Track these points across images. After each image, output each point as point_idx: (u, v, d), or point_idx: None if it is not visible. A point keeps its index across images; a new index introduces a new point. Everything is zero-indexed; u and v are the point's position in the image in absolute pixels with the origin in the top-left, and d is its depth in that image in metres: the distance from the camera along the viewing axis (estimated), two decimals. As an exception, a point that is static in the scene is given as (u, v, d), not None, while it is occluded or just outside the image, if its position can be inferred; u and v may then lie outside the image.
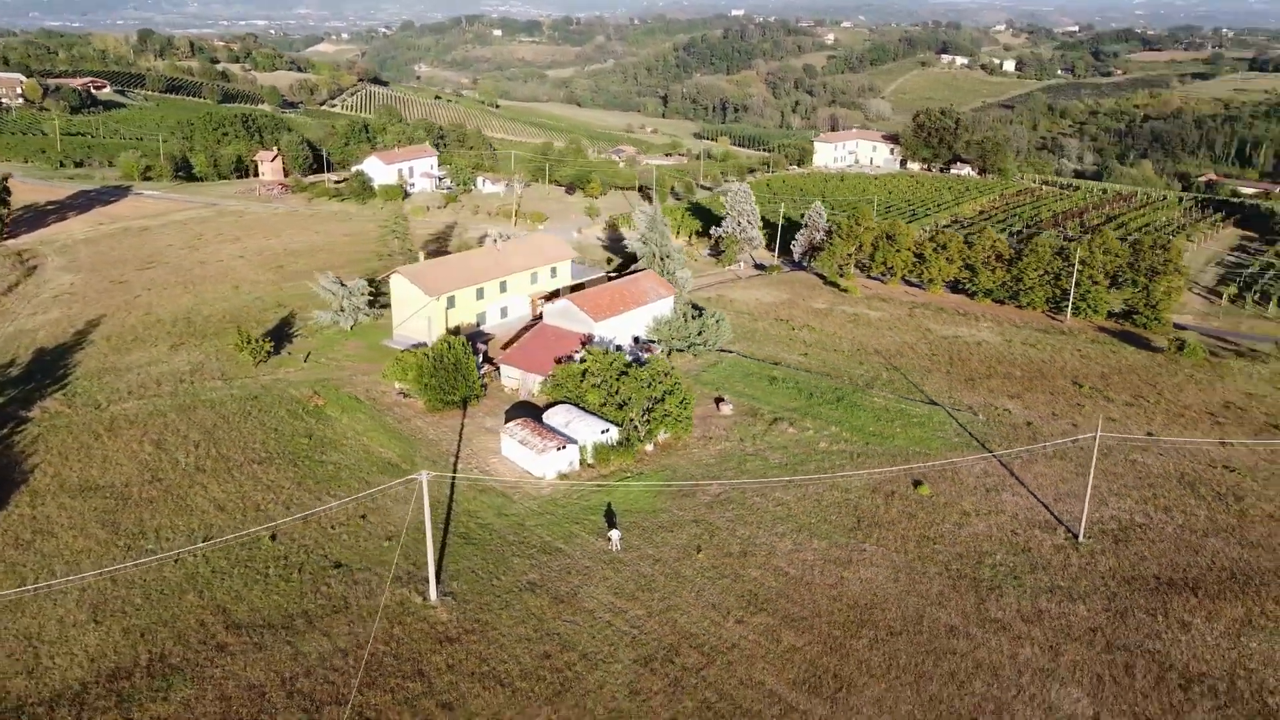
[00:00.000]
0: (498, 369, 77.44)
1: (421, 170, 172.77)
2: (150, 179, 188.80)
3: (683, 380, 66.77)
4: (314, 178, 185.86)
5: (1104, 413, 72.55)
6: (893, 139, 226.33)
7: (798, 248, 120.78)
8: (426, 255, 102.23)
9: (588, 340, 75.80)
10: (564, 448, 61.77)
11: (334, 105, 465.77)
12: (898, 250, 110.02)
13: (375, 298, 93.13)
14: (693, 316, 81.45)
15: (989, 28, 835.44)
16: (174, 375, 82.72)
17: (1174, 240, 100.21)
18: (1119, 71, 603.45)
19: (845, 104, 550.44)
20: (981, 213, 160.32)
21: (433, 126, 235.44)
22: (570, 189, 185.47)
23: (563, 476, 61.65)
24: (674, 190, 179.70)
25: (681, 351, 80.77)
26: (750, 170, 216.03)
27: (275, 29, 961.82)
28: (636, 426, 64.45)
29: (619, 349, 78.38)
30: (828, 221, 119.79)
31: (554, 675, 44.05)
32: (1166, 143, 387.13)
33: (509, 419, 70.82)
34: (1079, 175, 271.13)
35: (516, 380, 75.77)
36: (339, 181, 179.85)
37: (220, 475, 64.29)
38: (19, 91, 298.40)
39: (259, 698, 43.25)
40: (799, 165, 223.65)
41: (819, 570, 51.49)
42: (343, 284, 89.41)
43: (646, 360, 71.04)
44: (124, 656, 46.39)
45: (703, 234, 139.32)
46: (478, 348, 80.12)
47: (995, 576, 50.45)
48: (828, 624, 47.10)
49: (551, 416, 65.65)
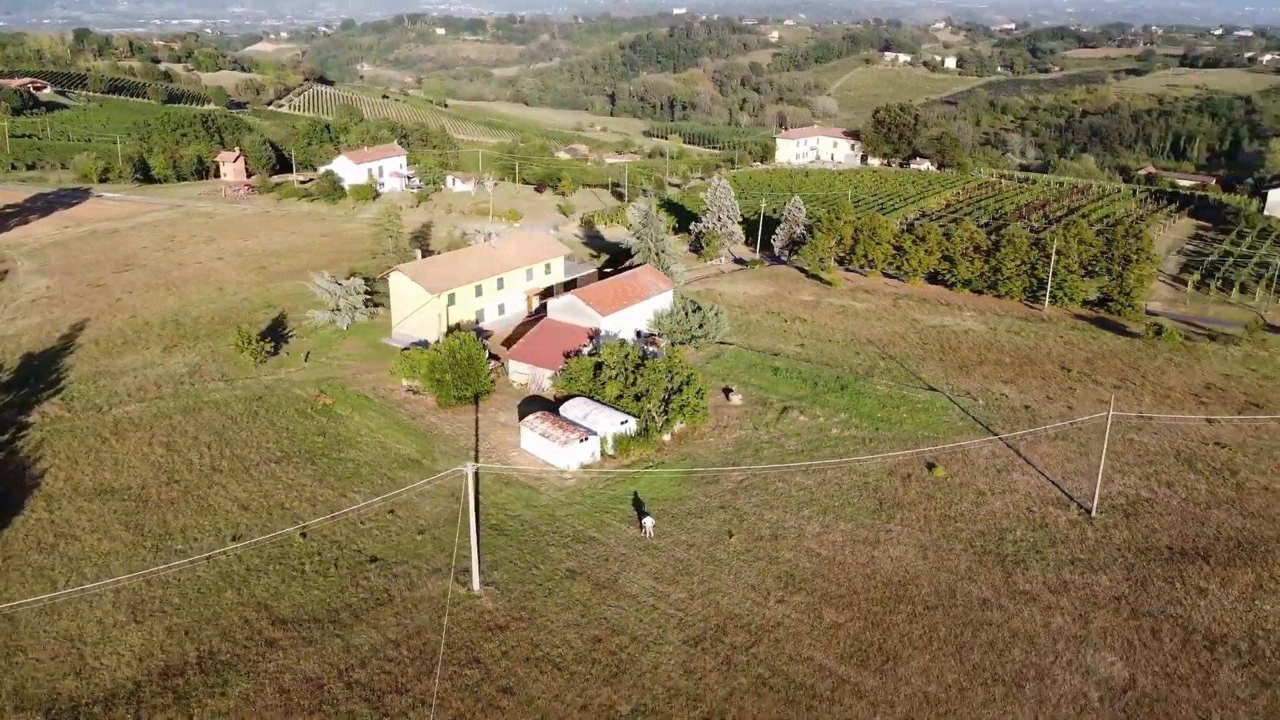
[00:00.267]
0: (504, 364, 78.08)
1: (391, 170, 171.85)
2: (108, 181, 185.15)
3: (696, 372, 68.15)
4: (279, 178, 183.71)
5: (1094, 395, 75.60)
6: (853, 135, 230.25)
7: (778, 242, 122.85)
8: (423, 254, 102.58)
9: (594, 334, 76.82)
10: (586, 439, 62.82)
11: (281, 105, 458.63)
12: (878, 243, 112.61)
13: (369, 296, 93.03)
14: (692, 310, 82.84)
15: (928, 25, 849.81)
16: (172, 377, 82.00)
17: (1145, 230, 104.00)
18: (1056, 68, 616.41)
19: (792, 101, 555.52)
20: (947, 206, 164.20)
21: (396, 126, 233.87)
22: (539, 187, 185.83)
23: (585, 468, 62.69)
24: (644, 188, 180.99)
25: (684, 344, 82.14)
26: (716, 167, 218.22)
27: (211, 28, 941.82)
28: (653, 417, 65.69)
29: (624, 343, 79.47)
30: (806, 216, 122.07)
31: (608, 658, 45.13)
32: (1105, 137, 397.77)
33: (522, 413, 71.61)
34: (1024, 169, 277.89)
35: (525, 375, 76.51)
36: (305, 181, 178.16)
37: (238, 475, 64.17)
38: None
39: (317, 689, 43.70)
40: (762, 162, 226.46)
41: (849, 550, 53.24)
42: (339, 283, 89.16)
43: (658, 353, 72.25)
44: (172, 655, 46.45)
45: (680, 230, 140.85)
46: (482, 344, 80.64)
47: (1018, 551, 52.64)
48: (865, 601, 48.83)
49: (569, 409, 66.59)
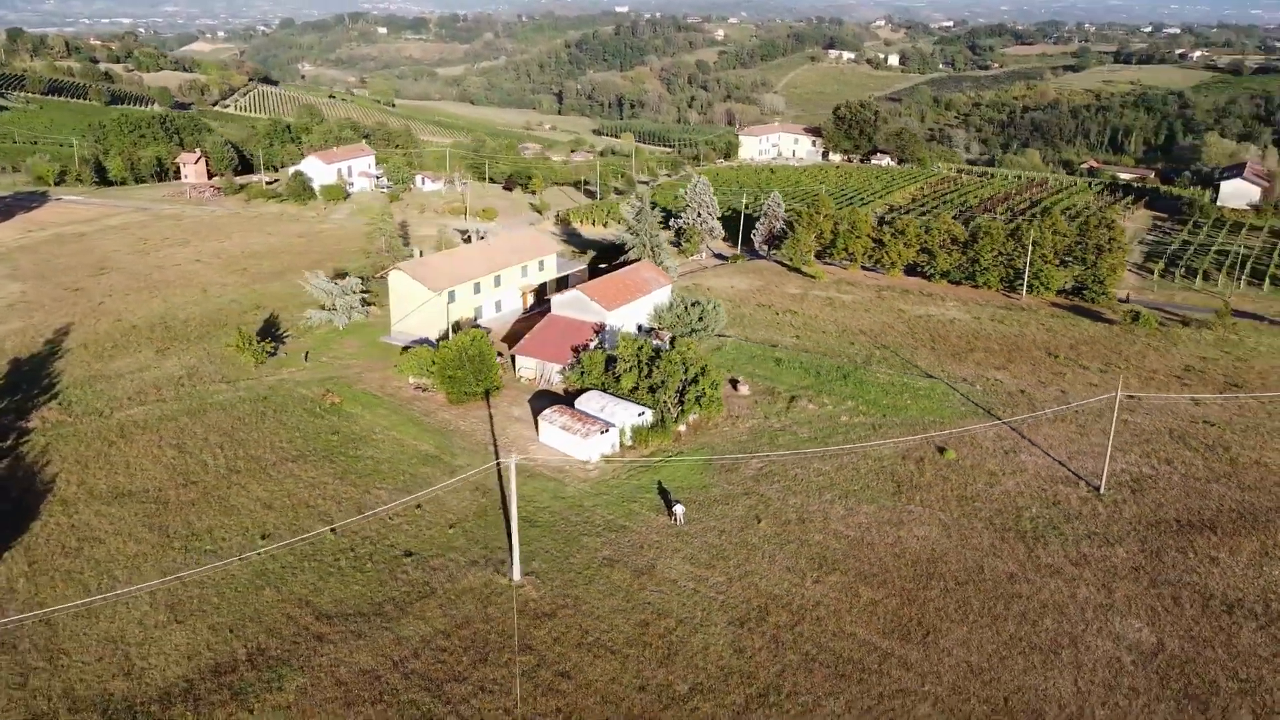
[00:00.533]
0: (507, 360, 78.71)
1: (359, 170, 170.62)
2: (64, 183, 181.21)
3: (710, 363, 69.56)
4: (243, 179, 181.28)
5: (1084, 379, 78.55)
6: (814, 132, 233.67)
7: (758, 237, 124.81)
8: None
9: (600, 329, 77.80)
10: (606, 431, 63.87)
11: (227, 106, 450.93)
12: (857, 237, 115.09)
13: (364, 295, 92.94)
14: (691, 304, 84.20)
15: (869, 23, 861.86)
16: (170, 380, 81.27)
17: (1117, 220, 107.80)
18: (996, 65, 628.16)
19: (740, 99, 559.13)
20: (914, 200, 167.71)
21: (358, 126, 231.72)
22: (509, 186, 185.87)
23: (606, 459, 63.72)
24: (615, 186, 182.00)
25: (685, 337, 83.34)
26: (681, 163, 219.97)
27: (144, 27, 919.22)
28: (669, 408, 66.93)
29: (637, 336, 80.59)
30: (786, 212, 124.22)
31: (659, 641, 46.29)
32: (1046, 132, 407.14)
33: (534, 408, 72.45)
34: (971, 164, 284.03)
35: (532, 370, 77.25)
36: (271, 182, 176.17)
37: (257, 475, 64.09)
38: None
39: (374, 680, 44.23)
40: (725, 158, 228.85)
41: (875, 531, 55.02)
42: (335, 282, 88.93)
43: (663, 346, 73.45)
44: (220, 653, 46.61)
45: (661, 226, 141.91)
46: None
47: (1036, 528, 54.88)
48: (898, 578, 50.62)
49: (585, 402, 67.52)
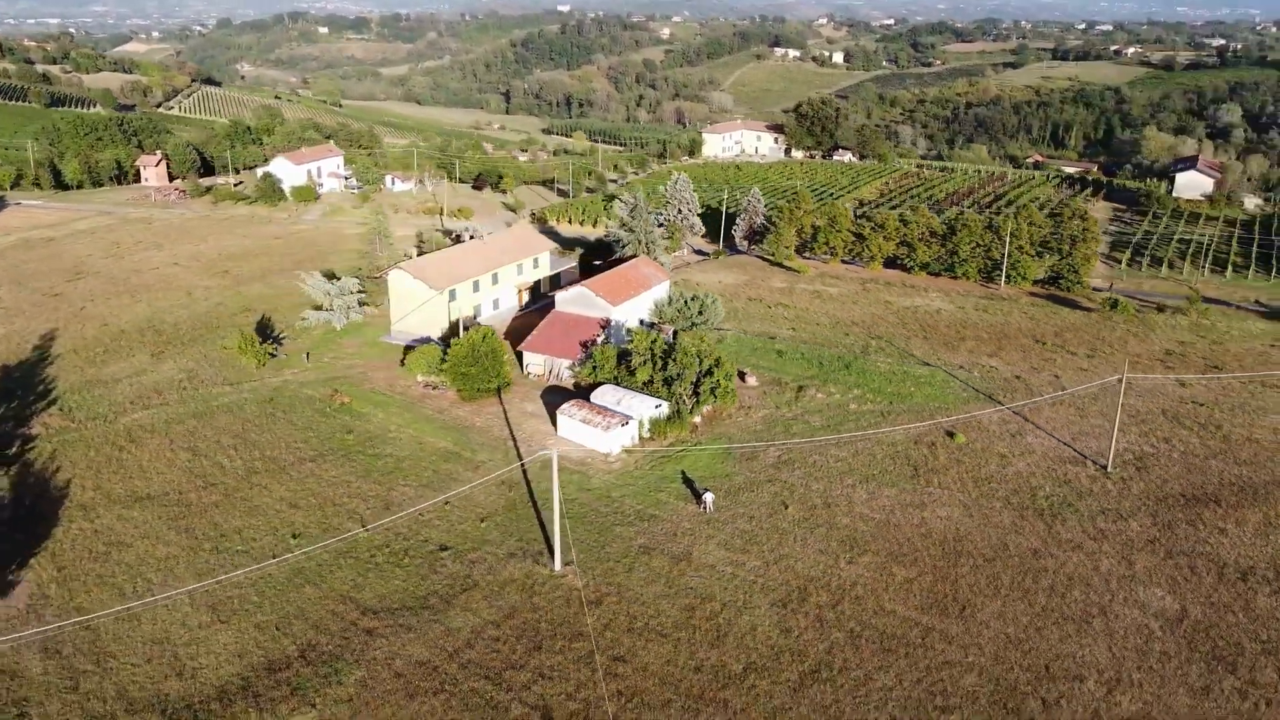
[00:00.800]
0: (519, 356, 79.33)
1: (329, 170, 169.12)
2: (20, 187, 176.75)
3: (723, 355, 70.92)
4: (208, 181, 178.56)
5: (1073, 364, 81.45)
6: (776, 128, 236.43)
7: (739, 233, 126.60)
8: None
9: (605, 324, 78.76)
10: (626, 423, 64.91)
11: (171, 108, 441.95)
12: (838, 231, 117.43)
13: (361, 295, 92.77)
14: (690, 299, 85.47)
15: (811, 22, 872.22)
16: (170, 383, 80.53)
17: (1089, 212, 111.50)
18: (938, 62, 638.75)
19: (689, 97, 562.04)
20: (882, 195, 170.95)
21: (321, 127, 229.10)
22: (478, 185, 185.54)
23: (627, 451, 64.78)
24: (587, 185, 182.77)
25: (686, 331, 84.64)
26: (647, 161, 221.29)
27: (73, 27, 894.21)
28: (683, 400, 68.19)
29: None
30: (766, 207, 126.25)
31: (707, 624, 47.50)
32: (990, 127, 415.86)
33: (547, 403, 73.25)
34: (922, 159, 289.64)
35: (540, 366, 77.96)
36: (237, 184, 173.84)
37: (277, 475, 64.03)
38: None
39: (432, 671, 44.83)
40: (690, 156, 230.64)
41: (900, 513, 56.84)
42: (333, 282, 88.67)
43: (670, 339, 74.65)
44: (270, 650, 46.84)
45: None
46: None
47: (1052, 505, 57.14)
48: (928, 557, 52.44)
49: (601, 396, 68.45)
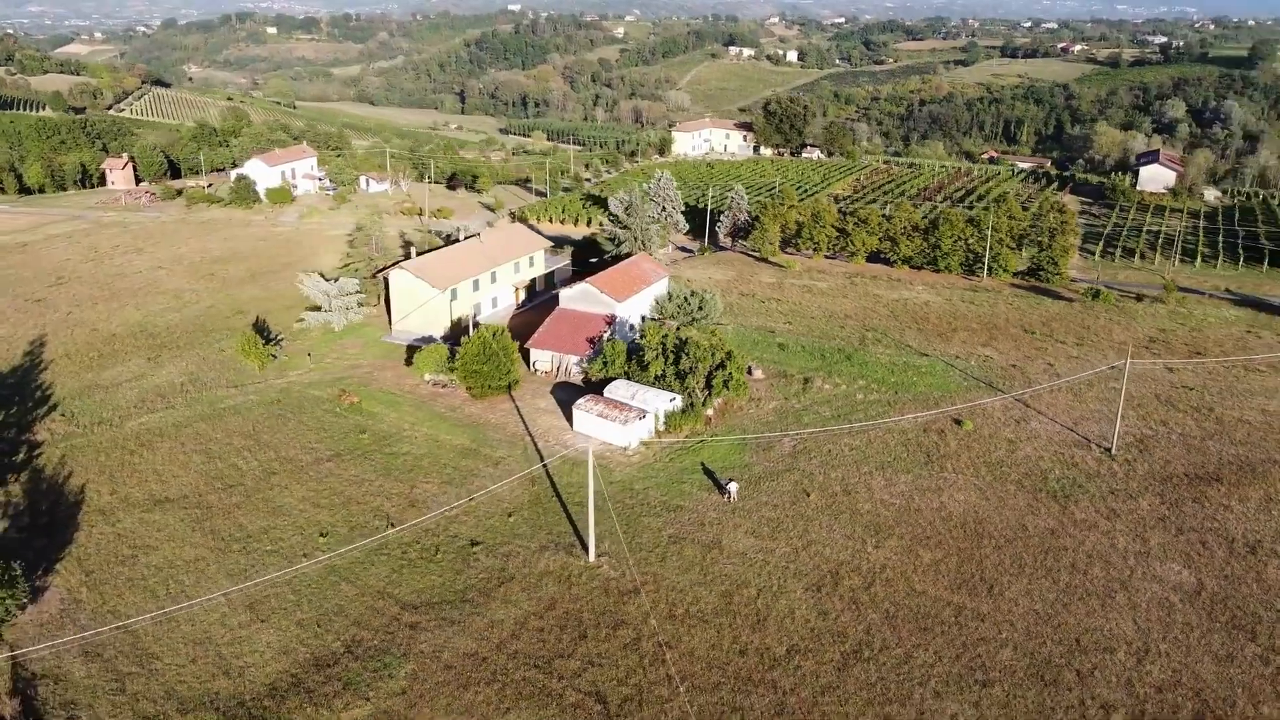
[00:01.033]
0: (525, 354, 79.91)
1: (303, 172, 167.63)
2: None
3: (735, 349, 72.21)
4: (178, 183, 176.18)
5: (1064, 353, 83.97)
6: (745, 126, 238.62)
7: (723, 229, 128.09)
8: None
9: (610, 320, 79.66)
10: (643, 417, 65.89)
11: (123, 110, 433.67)
12: (821, 227, 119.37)
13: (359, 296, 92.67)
14: (690, 294, 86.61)
15: (763, 20, 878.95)
16: (173, 387, 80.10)
17: (1067, 205, 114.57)
18: (890, 60, 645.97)
19: (645, 96, 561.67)
20: (855, 191, 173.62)
21: (289, 128, 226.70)
22: (452, 185, 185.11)
23: (645, 444, 65.77)
24: (564, 185, 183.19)
25: (687, 326, 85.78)
26: (619, 160, 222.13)
27: (10, 28, 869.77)
28: (696, 393, 69.33)
29: (632, 327, 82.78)
30: (749, 204, 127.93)
31: (745, 609, 48.67)
32: (944, 124, 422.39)
33: (558, 399, 74.01)
34: (886, 156, 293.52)
35: (547, 363, 78.65)
36: (206, 186, 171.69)
37: (296, 475, 64.12)
38: None
39: (481, 662, 45.50)
40: (660, 154, 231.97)
41: (919, 498, 58.50)
42: (332, 283, 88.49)
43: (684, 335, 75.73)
44: (314, 647, 47.19)
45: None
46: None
47: (1063, 488, 59.15)
48: (951, 540, 54.09)
49: (614, 391, 69.34)
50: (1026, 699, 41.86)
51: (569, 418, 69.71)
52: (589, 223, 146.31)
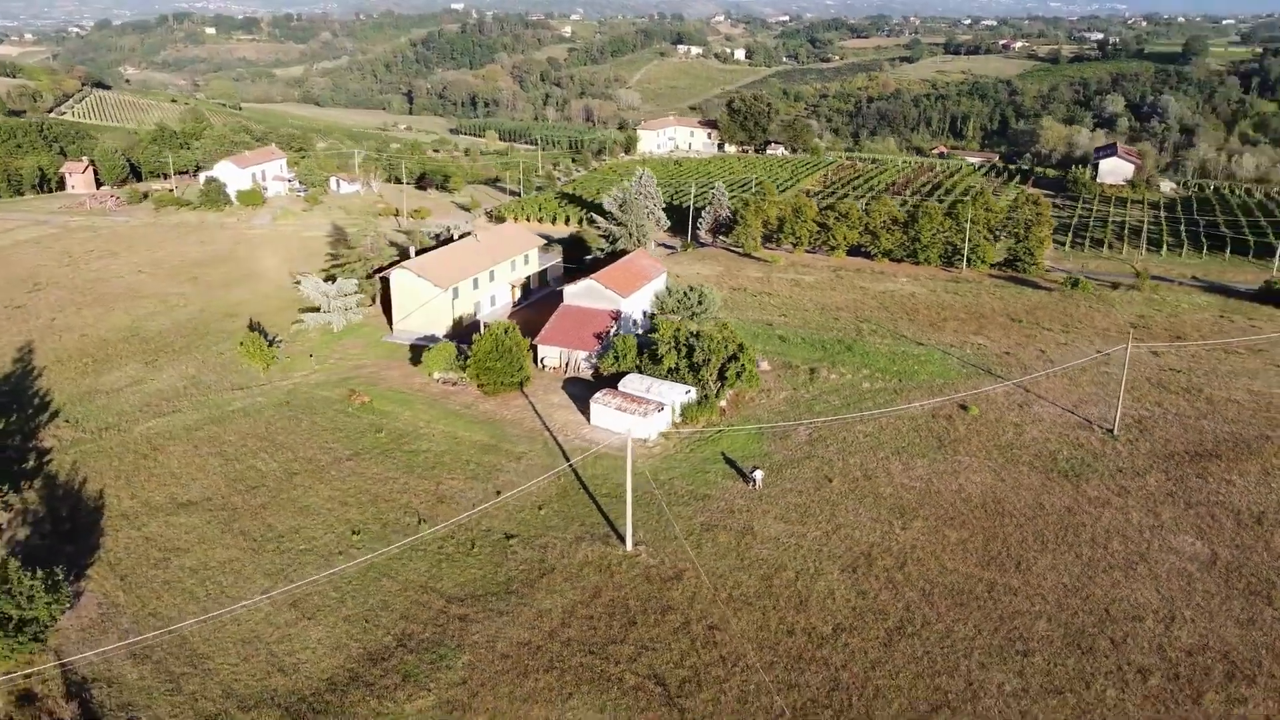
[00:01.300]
0: (533, 350, 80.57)
1: (273, 174, 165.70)
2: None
3: (747, 341, 73.67)
4: (144, 187, 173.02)
5: (1054, 339, 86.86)
6: (710, 124, 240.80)
7: (704, 226, 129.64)
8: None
9: (616, 315, 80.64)
10: (661, 410, 67.07)
11: (64, 113, 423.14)
12: (803, 221, 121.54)
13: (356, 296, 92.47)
14: (689, 289, 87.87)
15: (709, 18, 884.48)
16: (175, 391, 79.40)
17: (1042, 197, 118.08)
18: (837, 58, 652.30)
19: (595, 95, 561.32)
20: (825, 186, 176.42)
21: (252, 130, 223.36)
22: (422, 185, 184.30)
23: (664, 436, 66.95)
24: (538, 184, 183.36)
25: (688, 320, 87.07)
26: (584, 158, 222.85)
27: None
28: (709, 385, 70.67)
29: (635, 323, 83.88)
30: (730, 201, 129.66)
31: (786, 591, 50.08)
32: (892, 120, 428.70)
33: (570, 394, 74.84)
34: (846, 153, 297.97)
35: (556, 359, 79.39)
36: (172, 189, 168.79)
37: (318, 475, 64.18)
38: None
39: (536, 650, 46.31)
40: (626, 153, 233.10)
41: (937, 481, 60.45)
42: (331, 283, 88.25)
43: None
44: (365, 642, 47.63)
45: (591, 220, 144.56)
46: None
47: (1073, 467, 61.55)
48: (973, 519, 56.06)
49: (629, 384, 70.32)
50: (1067, 666, 43.84)
51: (584, 412, 70.62)
52: (567, 221, 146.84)
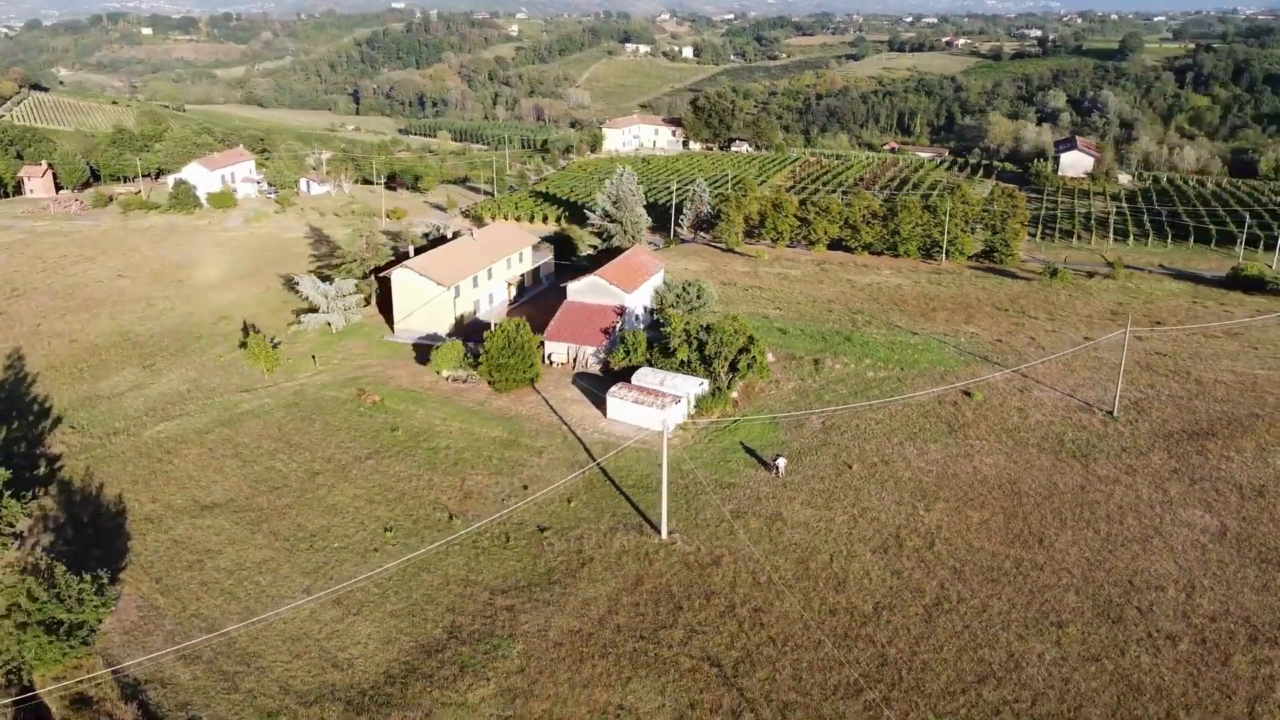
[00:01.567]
0: (540, 346, 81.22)
1: (242, 175, 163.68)
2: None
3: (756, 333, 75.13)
4: (107, 189, 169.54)
5: (1042, 327, 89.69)
6: (674, 122, 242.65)
7: (686, 222, 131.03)
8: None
9: (621, 311, 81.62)
10: (678, 402, 68.27)
11: (2, 115, 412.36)
12: (784, 216, 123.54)
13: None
14: (688, 284, 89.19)
15: (654, 17, 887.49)
16: (178, 394, 78.74)
17: (1017, 191, 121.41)
18: (784, 56, 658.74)
19: (545, 94, 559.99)
20: (795, 182, 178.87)
21: (213, 131, 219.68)
22: (391, 185, 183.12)
23: (681, 428, 68.16)
24: (512, 184, 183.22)
25: (688, 315, 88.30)
26: (556, 159, 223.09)
27: None
28: (721, 377, 72.04)
29: (637, 318, 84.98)
30: (712, 198, 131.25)
31: (824, 572, 51.62)
32: (841, 117, 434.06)
33: (583, 388, 75.67)
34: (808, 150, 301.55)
35: (563, 355, 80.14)
36: (136, 193, 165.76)
37: (340, 474, 64.32)
38: None
39: (588, 638, 47.25)
40: (593, 151, 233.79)
41: (952, 464, 62.47)
42: (330, 284, 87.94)
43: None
44: (416, 635, 48.20)
45: (573, 219, 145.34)
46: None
47: (1079, 448, 63.98)
48: (992, 499, 58.12)
49: (642, 378, 71.40)
50: (1100, 635, 45.93)
51: (598, 405, 71.58)
52: (545, 219, 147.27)
